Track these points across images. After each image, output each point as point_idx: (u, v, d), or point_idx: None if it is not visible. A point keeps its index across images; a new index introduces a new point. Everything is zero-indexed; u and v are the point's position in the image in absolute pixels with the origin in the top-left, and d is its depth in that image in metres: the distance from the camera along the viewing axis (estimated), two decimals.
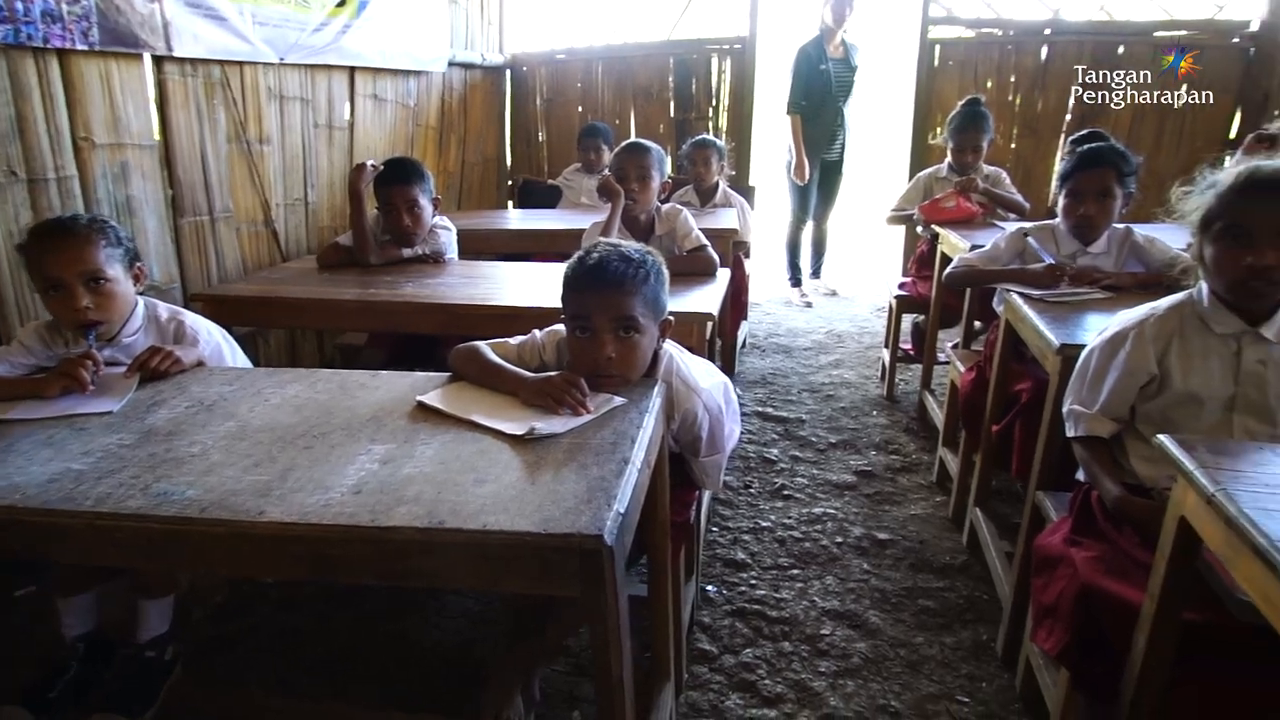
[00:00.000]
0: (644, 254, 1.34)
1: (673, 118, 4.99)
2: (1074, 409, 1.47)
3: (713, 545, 2.35)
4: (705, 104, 4.94)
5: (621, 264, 1.29)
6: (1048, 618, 1.41)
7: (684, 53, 4.88)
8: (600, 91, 5.09)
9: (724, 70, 4.85)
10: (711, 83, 4.91)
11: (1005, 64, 4.39)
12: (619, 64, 5.01)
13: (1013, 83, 4.39)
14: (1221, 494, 0.96)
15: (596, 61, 5.06)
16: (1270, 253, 1.22)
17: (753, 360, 3.98)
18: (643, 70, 4.98)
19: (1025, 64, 4.35)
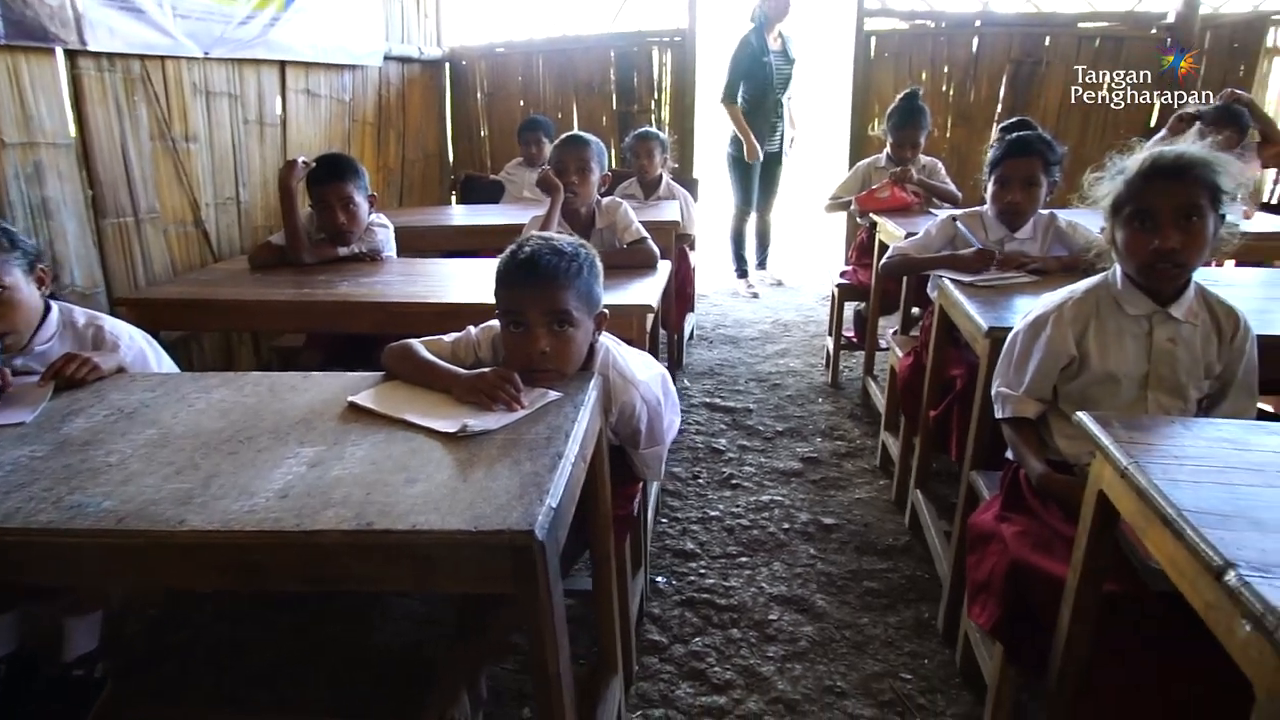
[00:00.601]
0: (576, 247, 1.34)
1: (615, 110, 4.98)
2: (1001, 391, 1.51)
3: (662, 536, 2.37)
4: (647, 97, 4.94)
5: (554, 257, 1.28)
6: (981, 593, 1.45)
7: (625, 45, 4.87)
8: (541, 85, 5.05)
9: (665, 62, 4.85)
10: (653, 75, 4.91)
11: (939, 55, 4.49)
12: (560, 57, 4.98)
13: (946, 73, 4.50)
14: (1134, 467, 1.00)
15: (537, 55, 5.02)
16: (1174, 235, 1.28)
17: (700, 351, 4.00)
18: (584, 63, 4.95)
19: (958, 55, 4.46)
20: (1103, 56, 4.33)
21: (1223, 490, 0.94)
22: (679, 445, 2.95)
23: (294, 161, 2.37)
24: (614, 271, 2.17)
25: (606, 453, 1.35)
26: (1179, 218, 1.28)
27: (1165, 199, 1.28)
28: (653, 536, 2.34)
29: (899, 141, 3.21)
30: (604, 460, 1.32)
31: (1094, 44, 4.33)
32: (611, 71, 4.95)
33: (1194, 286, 1.38)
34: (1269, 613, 0.71)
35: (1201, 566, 0.82)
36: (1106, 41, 4.32)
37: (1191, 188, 1.27)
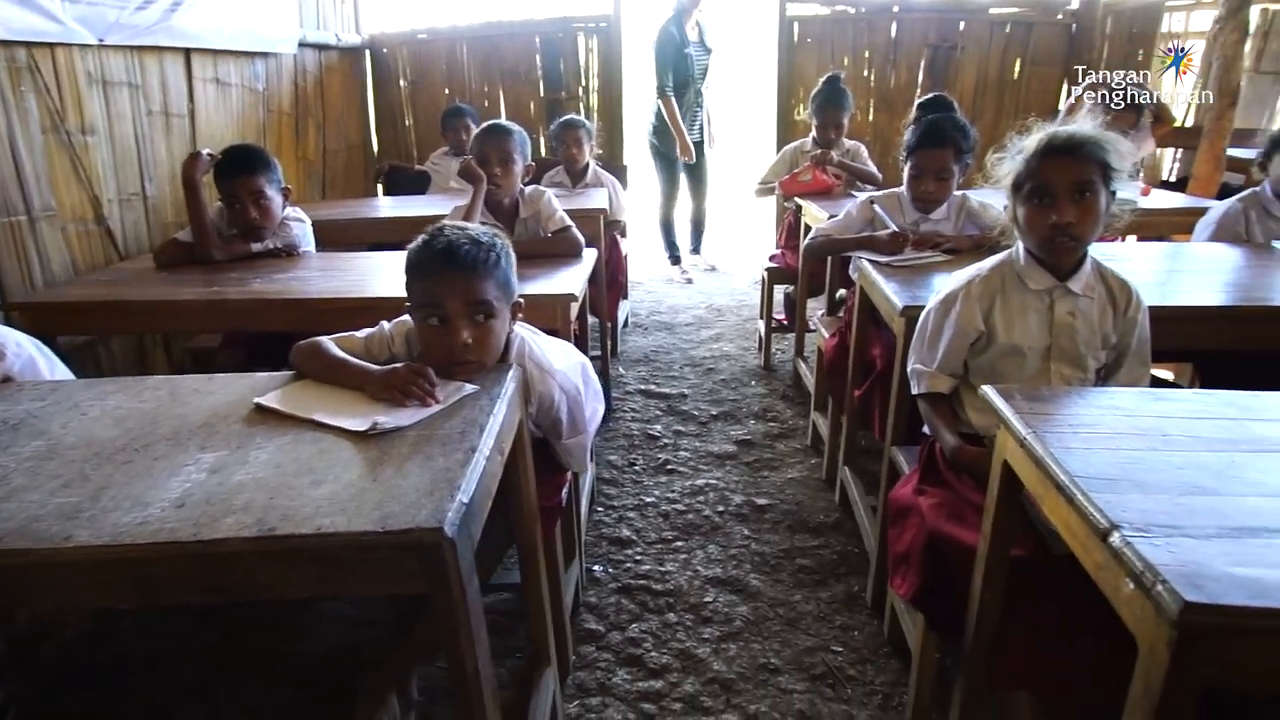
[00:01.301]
0: (492, 236, 1.31)
1: (543, 98, 4.92)
2: (916, 368, 1.55)
3: (598, 525, 2.37)
4: (575, 84, 4.90)
5: (472, 247, 1.25)
6: (902, 565, 1.50)
7: (549, 31, 4.81)
8: (466, 72, 4.95)
9: (591, 49, 4.81)
10: (580, 62, 4.87)
11: (860, 40, 4.58)
12: (484, 44, 4.89)
13: (867, 58, 4.59)
14: (1032, 437, 1.04)
15: (460, 41, 4.91)
16: (1070, 210, 1.33)
17: (636, 339, 4.01)
18: (509, 50, 4.87)
19: (878, 40, 4.56)
20: (1014, 41, 4.48)
21: (1111, 456, 0.98)
22: (614, 433, 2.95)
23: (197, 154, 2.27)
24: (539, 261, 2.16)
25: (528, 444, 1.33)
26: (1073, 194, 1.33)
27: (1060, 176, 1.33)
28: (588, 526, 2.34)
29: (823, 123, 3.26)
30: (525, 451, 1.31)
31: (1005, 29, 4.48)
32: (537, 58, 4.89)
33: (1090, 261, 1.44)
34: (1148, 570, 0.75)
35: (1090, 529, 0.85)
36: (1017, 27, 4.47)
37: (1084, 165, 1.33)
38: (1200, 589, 0.71)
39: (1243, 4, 3.11)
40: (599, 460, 2.73)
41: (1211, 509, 0.85)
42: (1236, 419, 1.08)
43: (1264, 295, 1.70)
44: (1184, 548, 0.78)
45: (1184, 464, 0.95)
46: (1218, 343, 1.70)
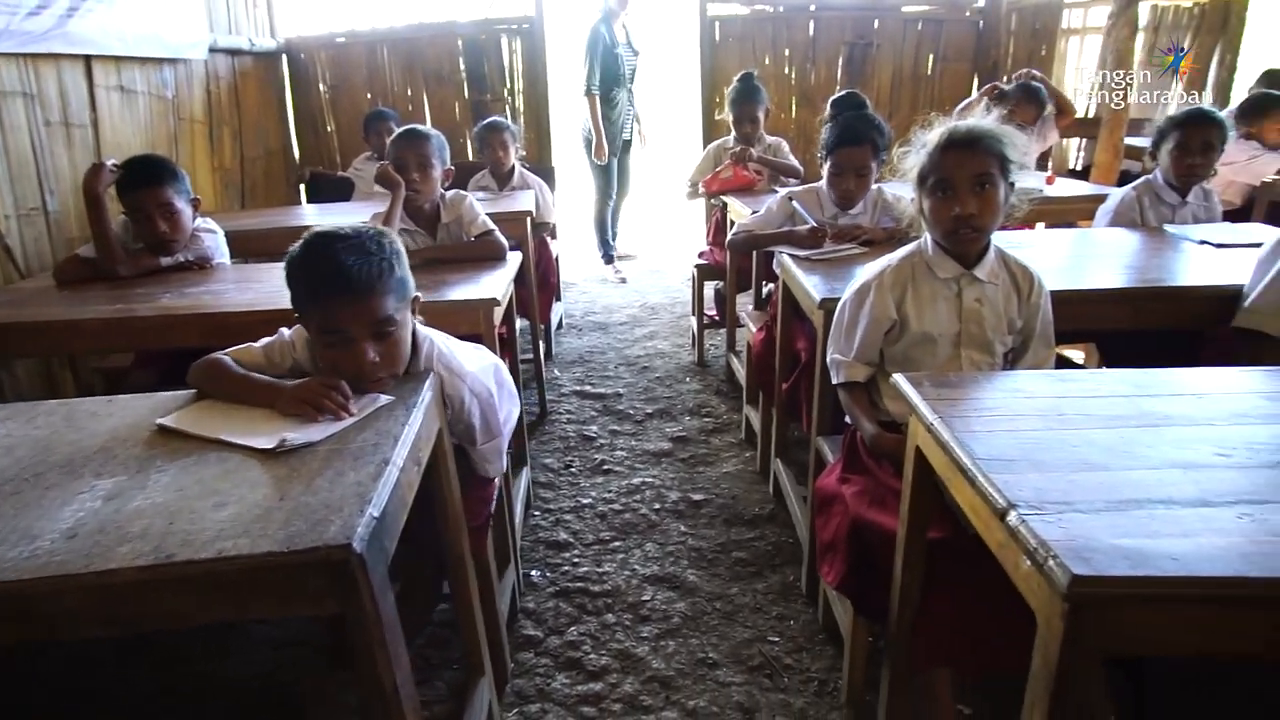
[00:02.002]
0: (377, 238, 1.22)
1: (468, 100, 4.86)
2: (835, 358, 1.59)
3: (535, 530, 2.35)
4: (500, 85, 4.85)
5: (363, 262, 1.16)
6: (829, 553, 1.53)
7: (472, 33, 4.74)
8: (388, 76, 4.85)
9: (515, 50, 4.77)
10: (504, 63, 4.82)
11: (780, 39, 4.66)
12: (405, 46, 4.80)
13: (787, 56, 4.67)
14: (938, 422, 1.07)
15: (381, 44, 4.81)
16: (971, 202, 1.38)
17: (570, 340, 4.00)
18: (431, 52, 4.79)
19: (797, 38, 4.64)
20: (925, 37, 4.63)
21: (1012, 437, 1.02)
22: (550, 436, 2.94)
23: (99, 165, 2.16)
24: (461, 266, 2.14)
25: (450, 452, 1.31)
26: (974, 186, 1.38)
27: (961, 169, 1.38)
28: (525, 531, 2.32)
29: (738, 119, 3.32)
30: (447, 459, 1.29)
31: (917, 27, 4.62)
32: (461, 60, 4.82)
33: (994, 249, 1.49)
34: (1040, 547, 0.78)
35: (990, 509, 0.89)
36: (928, 24, 4.62)
37: (983, 158, 1.38)
38: (1087, 562, 0.75)
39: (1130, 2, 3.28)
40: (535, 464, 2.71)
41: (1101, 484, 0.89)
42: (1128, 396, 1.13)
43: (1158, 277, 1.80)
44: (1074, 523, 0.82)
45: (1078, 442, 1.00)
46: (1117, 323, 1.79)
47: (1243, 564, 0.74)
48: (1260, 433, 1.00)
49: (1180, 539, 0.78)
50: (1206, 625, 0.76)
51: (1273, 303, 1.55)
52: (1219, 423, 1.04)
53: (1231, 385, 1.16)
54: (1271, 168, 3.09)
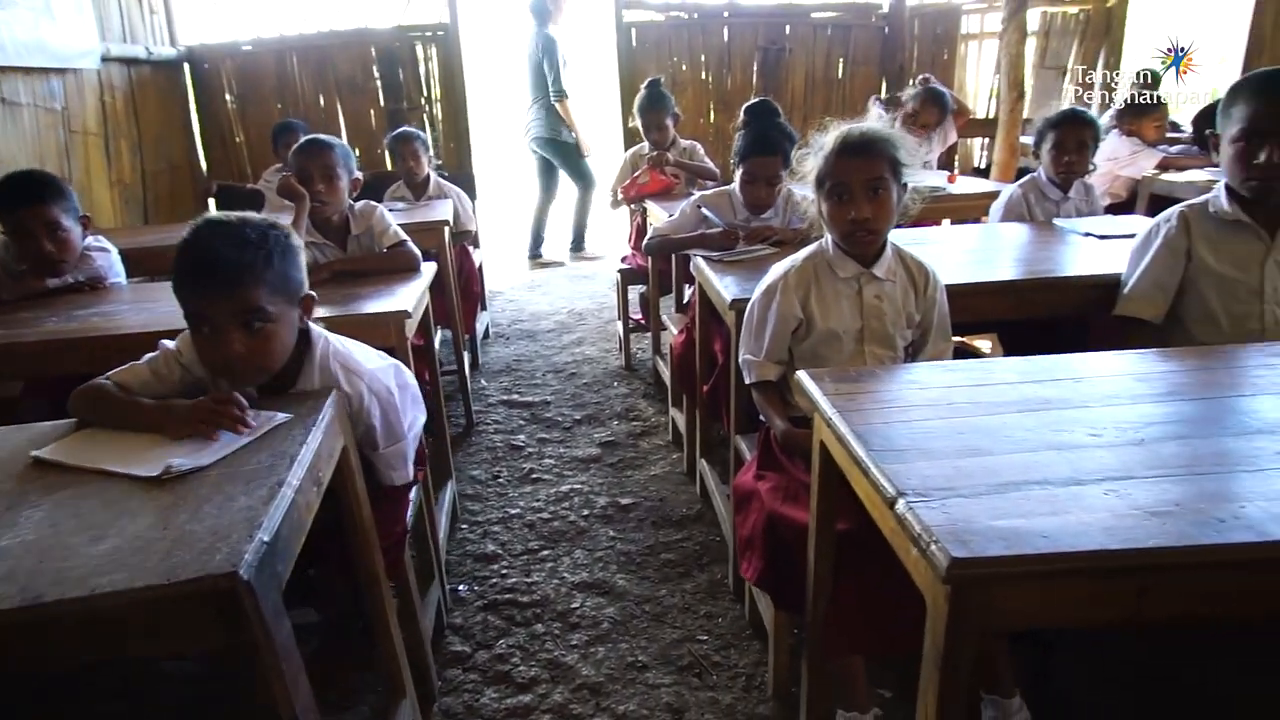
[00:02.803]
0: (264, 229, 1.19)
1: (384, 108, 4.76)
2: (746, 359, 1.62)
3: (463, 543, 2.32)
4: (417, 93, 4.77)
5: (235, 251, 1.14)
6: (747, 550, 1.55)
7: (385, 40, 4.66)
8: (299, 84, 4.72)
9: (430, 58, 4.71)
10: (420, 71, 4.75)
11: (695, 44, 4.73)
12: (316, 54, 4.68)
13: (704, 61, 4.75)
14: (836, 416, 1.10)
15: (290, 52, 4.68)
16: (866, 206, 1.43)
17: (497, 349, 3.96)
18: (344, 60, 4.69)
19: (712, 44, 4.72)
20: (835, 42, 4.78)
21: (905, 427, 1.06)
22: (478, 447, 2.90)
23: None
24: (372, 278, 2.09)
25: (357, 468, 1.28)
26: (868, 190, 1.42)
27: (855, 174, 1.42)
28: (451, 545, 2.29)
29: (646, 127, 3.37)
30: (355, 477, 1.26)
31: (827, 32, 4.76)
32: (374, 68, 4.72)
33: (890, 247, 1.55)
34: (924, 532, 0.82)
35: (881, 499, 0.92)
36: (837, 29, 4.77)
37: (876, 163, 1.42)
38: (966, 545, 0.78)
39: (1020, 8, 3.47)
40: (462, 477, 2.67)
41: (983, 468, 0.94)
42: (1012, 384, 1.19)
43: (1045, 269, 1.90)
44: (957, 507, 0.85)
45: (965, 429, 1.04)
46: (1009, 313, 1.88)
47: (1105, 537, 0.78)
48: (1129, 413, 1.07)
49: (1052, 517, 0.82)
50: (1076, 597, 0.80)
51: (1145, 290, 1.65)
52: (1093, 405, 1.10)
53: (1106, 369, 1.23)
54: (1151, 162, 3.30)
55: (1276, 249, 1.56)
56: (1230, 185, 1.57)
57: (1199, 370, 1.23)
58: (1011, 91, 3.50)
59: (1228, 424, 1.04)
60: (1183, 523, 0.81)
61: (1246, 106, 1.47)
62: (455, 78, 4.69)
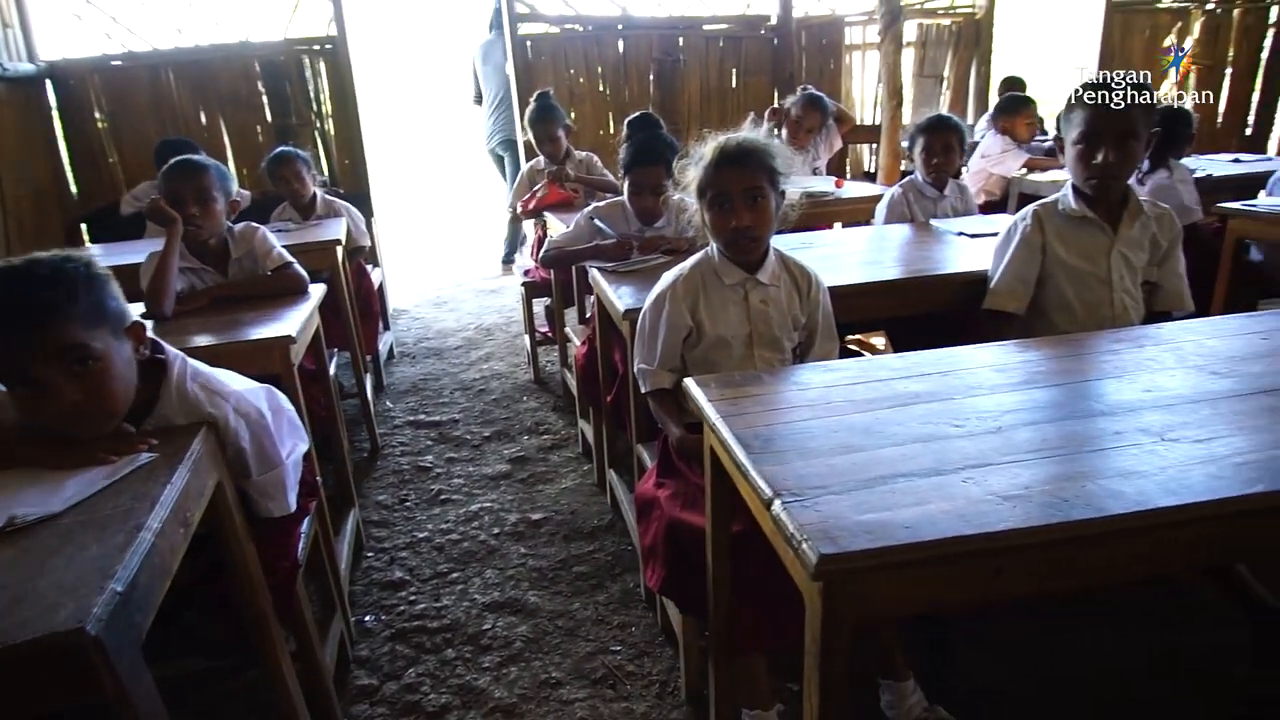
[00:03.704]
0: (57, 264, 1.08)
1: (272, 125, 4.58)
2: (640, 367, 1.64)
3: (369, 572, 2.24)
4: (306, 109, 4.61)
5: (29, 291, 1.03)
6: (650, 558, 1.57)
7: (269, 54, 4.48)
8: (177, 100, 4.48)
9: (320, 72, 4.57)
10: (309, 86, 4.59)
11: (591, 56, 4.75)
12: (195, 68, 4.45)
13: (600, 73, 4.78)
14: (719, 421, 1.13)
15: (165, 67, 4.43)
16: (746, 214, 1.47)
17: (403, 369, 3.86)
18: (225, 75, 4.48)
19: (608, 56, 4.76)
20: (728, 53, 4.90)
21: (785, 428, 1.09)
22: (383, 471, 2.82)
23: None
24: (256, 303, 2.01)
25: (236, 504, 1.23)
26: (746, 199, 1.47)
27: (734, 184, 1.46)
28: (358, 575, 2.21)
29: (538, 139, 3.37)
30: (231, 513, 1.20)
31: (719, 43, 4.88)
32: (260, 83, 4.54)
33: (773, 253, 1.59)
34: (796, 531, 0.84)
35: (760, 501, 0.94)
36: (729, 41, 4.89)
37: (753, 172, 1.47)
38: (834, 541, 0.81)
39: (894, 20, 3.65)
40: (367, 503, 2.59)
41: (854, 464, 0.97)
42: (886, 380, 1.24)
43: (921, 268, 2.00)
44: (828, 505, 0.88)
45: (839, 427, 1.08)
46: (896, 310, 1.97)
47: (960, 524, 0.83)
48: (988, 402, 1.13)
49: (914, 508, 0.87)
50: (938, 582, 0.84)
51: (1008, 285, 1.76)
52: (957, 396, 1.16)
53: (970, 362, 1.30)
54: (1019, 162, 3.53)
55: (1119, 241, 1.69)
56: (1075, 184, 1.70)
57: (1053, 358, 1.32)
58: (891, 99, 3.68)
59: (1075, 408, 1.12)
60: (1031, 505, 0.86)
61: (1084, 111, 1.59)
62: (347, 92, 4.56)
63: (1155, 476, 0.91)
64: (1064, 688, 1.62)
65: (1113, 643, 1.68)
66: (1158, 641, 1.69)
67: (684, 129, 4.64)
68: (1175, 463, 0.94)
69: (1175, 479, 0.91)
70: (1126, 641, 1.69)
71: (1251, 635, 1.53)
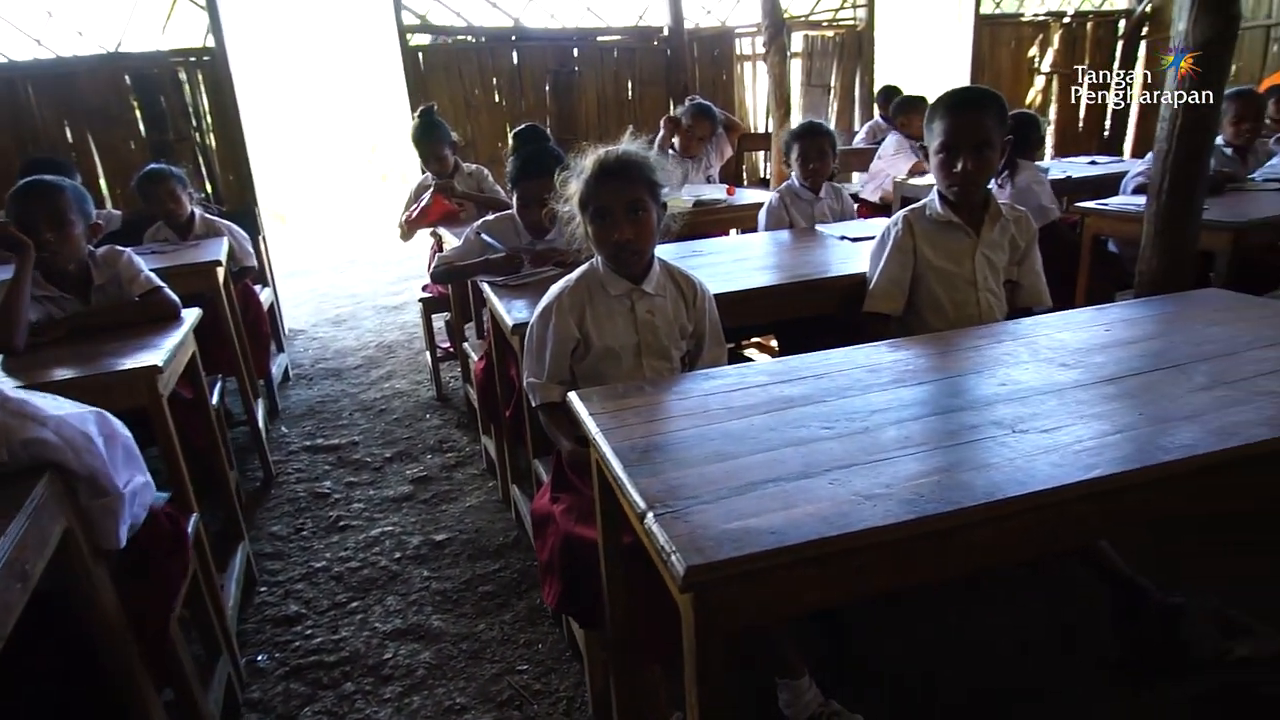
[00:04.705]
0: None
1: (147, 140, 4.33)
2: (530, 382, 1.62)
3: (261, 609, 2.14)
4: (185, 124, 4.39)
5: None
6: (548, 574, 1.55)
7: (141, 67, 4.25)
8: (38, 116, 4.19)
9: (198, 85, 4.35)
10: (186, 100, 4.37)
11: (486, 67, 4.70)
12: (56, 82, 4.18)
13: (496, 84, 4.73)
14: (598, 435, 1.13)
15: (22, 79, 4.14)
16: (628, 227, 1.47)
17: (299, 392, 3.71)
18: (91, 88, 4.22)
19: (503, 67, 4.72)
20: (623, 64, 4.95)
21: (662, 439, 1.10)
22: (277, 500, 2.70)
23: None
24: (122, 331, 1.89)
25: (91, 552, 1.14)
26: (628, 212, 1.47)
27: (615, 197, 1.46)
28: (251, 612, 2.11)
29: (424, 157, 3.32)
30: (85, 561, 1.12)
31: (614, 54, 4.92)
32: (131, 97, 4.29)
33: (658, 263, 1.61)
34: (666, 544, 0.85)
35: (635, 514, 0.95)
36: (623, 52, 4.94)
37: (634, 186, 1.47)
38: (701, 552, 0.82)
39: (778, 33, 3.78)
40: (260, 535, 2.48)
41: (727, 472, 0.99)
42: (764, 385, 1.27)
43: (805, 272, 2.06)
44: (698, 515, 0.90)
45: (716, 435, 1.10)
46: (783, 314, 2.02)
47: (823, 526, 0.85)
48: (858, 403, 1.18)
49: (781, 513, 0.89)
50: (806, 583, 0.87)
51: (884, 288, 1.84)
52: (830, 399, 1.20)
53: (844, 363, 1.35)
54: (906, 165, 3.70)
55: (981, 243, 1.79)
56: (940, 190, 1.79)
57: (921, 357, 1.38)
58: (780, 108, 3.80)
59: (938, 404, 1.17)
60: (891, 502, 0.90)
61: (942, 123, 1.68)
62: (228, 105, 4.36)
63: (1004, 468, 0.97)
64: (955, 667, 1.70)
65: (998, 620, 1.78)
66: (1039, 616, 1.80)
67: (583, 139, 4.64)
68: (1023, 454, 1.00)
69: (1022, 469, 0.96)
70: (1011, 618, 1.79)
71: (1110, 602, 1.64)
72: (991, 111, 1.68)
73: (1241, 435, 1.02)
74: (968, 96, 1.71)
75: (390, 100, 6.01)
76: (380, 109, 6.44)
